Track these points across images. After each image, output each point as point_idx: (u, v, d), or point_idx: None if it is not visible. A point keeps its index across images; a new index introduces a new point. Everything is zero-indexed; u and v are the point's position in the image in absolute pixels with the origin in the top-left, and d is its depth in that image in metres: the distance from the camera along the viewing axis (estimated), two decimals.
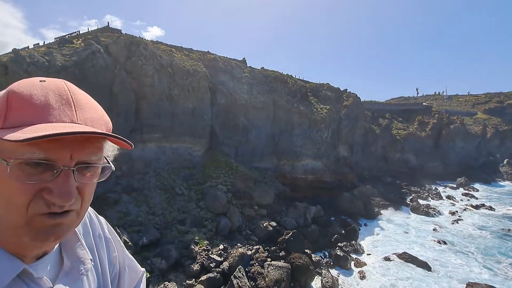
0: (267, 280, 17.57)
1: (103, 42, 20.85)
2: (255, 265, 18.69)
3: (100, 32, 25.31)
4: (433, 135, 51.51)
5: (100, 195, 17.67)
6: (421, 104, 64.89)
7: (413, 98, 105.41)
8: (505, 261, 21.56)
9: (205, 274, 17.48)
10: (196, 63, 28.97)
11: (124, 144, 0.79)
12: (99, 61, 19.22)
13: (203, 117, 27.15)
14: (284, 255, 19.95)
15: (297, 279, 18.12)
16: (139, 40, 23.24)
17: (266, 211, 24.72)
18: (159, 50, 25.55)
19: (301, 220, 25.07)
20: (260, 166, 28.82)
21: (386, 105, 59.92)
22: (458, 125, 56.30)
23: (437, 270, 20.10)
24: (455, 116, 62.08)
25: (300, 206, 26.56)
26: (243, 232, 22.14)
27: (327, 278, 18.67)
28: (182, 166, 24.57)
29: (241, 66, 33.83)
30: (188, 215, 21.51)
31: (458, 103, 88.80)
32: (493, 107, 79.72)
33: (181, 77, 25.96)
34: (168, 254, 17.96)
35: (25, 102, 0.66)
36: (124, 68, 20.99)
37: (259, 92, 31.73)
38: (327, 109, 36.52)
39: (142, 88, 21.82)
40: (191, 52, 31.61)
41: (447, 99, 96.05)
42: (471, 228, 27.86)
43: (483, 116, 72.69)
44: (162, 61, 24.60)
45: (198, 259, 18.54)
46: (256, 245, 20.75)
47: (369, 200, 31.34)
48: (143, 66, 22.12)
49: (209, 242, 20.01)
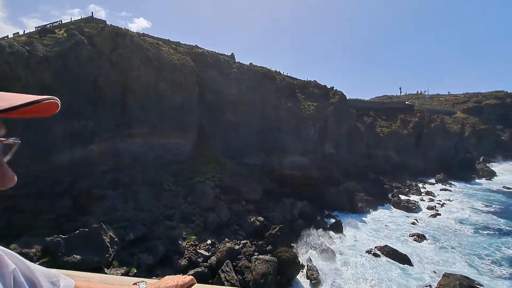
0: (254, 274, 17.87)
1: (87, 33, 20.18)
2: (242, 259, 18.95)
3: (83, 23, 24.42)
4: (415, 133, 53.37)
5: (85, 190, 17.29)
6: (404, 103, 66.91)
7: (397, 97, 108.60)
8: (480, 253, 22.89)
9: (193, 269, 17.59)
10: (183, 57, 28.58)
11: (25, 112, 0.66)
12: (82, 52, 18.62)
13: (191, 112, 26.93)
14: (271, 249, 20.31)
15: (283, 272, 18.53)
16: (125, 32, 22.65)
17: (254, 206, 24.98)
18: (145, 43, 25.01)
19: (288, 215, 25.53)
20: (248, 162, 28.98)
21: (371, 103, 61.40)
22: (438, 123, 58.61)
23: (416, 262, 21.09)
24: (436, 115, 64.57)
25: (287, 201, 27.02)
26: (231, 227, 22.31)
27: (312, 270, 19.23)
28: (170, 162, 24.35)
29: (230, 61, 33.67)
30: (176, 210, 21.42)
31: (439, 103, 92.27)
32: (471, 107, 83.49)
33: (168, 71, 25.57)
34: (155, 250, 17.89)
35: None
36: (109, 60, 20.44)
37: (248, 88, 31.75)
38: (314, 106, 37.05)
39: (128, 81, 21.36)
40: (179, 45, 31.11)
41: (428, 98, 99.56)
42: (448, 223, 29.32)
43: (462, 116, 75.98)
44: (148, 54, 24.12)
45: (185, 254, 18.58)
46: (244, 239, 20.98)
47: (353, 196, 32.26)
48: (129, 59, 21.62)
49: (197, 237, 20.06)
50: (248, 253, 19.56)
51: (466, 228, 27.76)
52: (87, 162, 18.52)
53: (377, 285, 18.44)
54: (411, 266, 20.67)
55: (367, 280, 18.95)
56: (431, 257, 22.07)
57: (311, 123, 35.36)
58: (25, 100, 0.62)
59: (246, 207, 24.86)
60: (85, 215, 17.13)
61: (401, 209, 32.96)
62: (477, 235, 26.31)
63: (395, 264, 20.82)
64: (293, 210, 26.29)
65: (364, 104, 56.17)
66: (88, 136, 18.99)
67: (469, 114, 78.50)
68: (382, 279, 18.98)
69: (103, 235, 15.90)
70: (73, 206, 17.74)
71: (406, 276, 19.46)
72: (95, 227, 15.94)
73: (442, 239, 25.19)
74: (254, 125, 31.54)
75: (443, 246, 23.97)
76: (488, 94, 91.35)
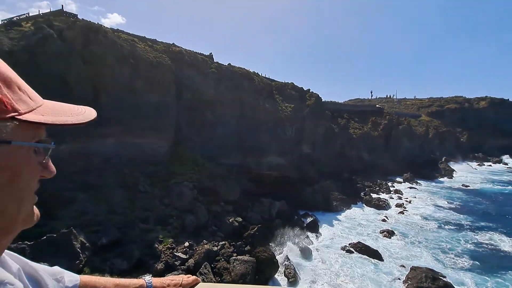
0: (232, 275, 17.90)
1: (57, 27, 18.94)
2: (221, 261, 18.89)
3: (53, 16, 22.84)
4: (384, 135, 56.35)
5: (53, 193, 16.23)
6: (375, 106, 70.31)
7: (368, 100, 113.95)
8: (443, 246, 24.74)
9: (170, 272, 17.23)
10: (160, 55, 27.84)
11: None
12: (51, 47, 17.44)
13: (168, 112, 26.28)
14: (249, 249, 20.44)
15: (262, 271, 18.74)
16: (98, 27, 21.59)
17: (232, 207, 24.97)
18: (120, 39, 24.02)
19: (266, 215, 25.83)
20: (226, 162, 28.86)
21: (345, 106, 63.81)
22: (405, 126, 62.38)
23: (386, 258, 22.32)
24: (403, 118, 68.68)
25: (265, 201, 27.33)
26: (209, 228, 22.11)
27: (289, 269, 19.65)
28: (146, 162, 23.58)
29: (208, 61, 33.34)
30: (152, 213, 20.81)
31: (406, 106, 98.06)
32: (434, 111, 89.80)
33: (144, 69, 24.77)
34: (129, 254, 17.28)
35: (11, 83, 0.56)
36: (81, 57, 19.35)
37: (226, 88, 31.64)
38: (292, 107, 37.81)
39: (101, 79, 20.37)
40: (155, 43, 30.23)
41: (397, 102, 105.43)
42: (415, 219, 31.34)
43: (426, 119, 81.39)
44: (123, 51, 23.21)
45: (162, 258, 18.14)
46: (222, 241, 20.90)
47: (328, 195, 33.37)
48: (102, 55, 20.63)
49: (174, 240, 19.64)
50: (227, 254, 19.53)
51: (431, 224, 29.85)
52: (55, 163, 17.28)
53: (351, 280, 19.28)
54: (382, 261, 21.84)
55: (342, 276, 19.74)
56: (400, 252, 23.48)
57: (288, 124, 36.04)
58: (80, 120, 0.65)
59: (224, 208, 24.77)
60: (53, 220, 16.09)
61: (372, 207, 34.66)
62: (440, 230, 28.39)
63: (367, 259, 21.89)
64: (271, 210, 26.64)
65: (338, 107, 58.23)
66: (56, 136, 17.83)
67: (432, 117, 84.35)
68: (355, 275, 19.88)
69: (73, 240, 15.06)
70: (40, 210, 16.57)
71: (377, 271, 20.54)
72: (64, 232, 15.04)
73: (410, 235, 26.88)
74: (232, 125, 31.50)
75: (411, 241, 25.60)
76: (449, 99, 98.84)
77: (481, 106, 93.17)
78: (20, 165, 0.54)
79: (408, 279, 19.15)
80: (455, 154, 72.39)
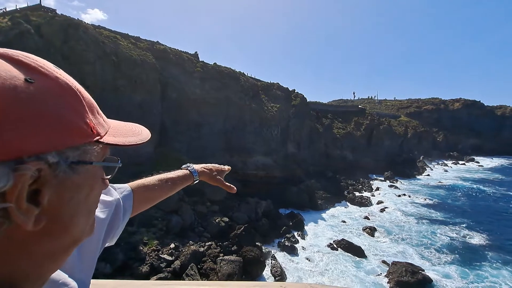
0: (219, 275, 17.87)
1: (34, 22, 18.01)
2: (207, 262, 18.80)
3: (30, 11, 21.70)
4: (366, 134, 58.01)
5: None
6: (357, 107, 72.20)
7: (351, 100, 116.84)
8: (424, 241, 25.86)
9: (155, 274, 16.98)
10: (144, 53, 27.20)
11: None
12: (29, 43, 16.60)
13: (152, 111, 25.75)
14: (236, 249, 20.47)
15: (248, 271, 18.84)
16: (78, 23, 20.78)
17: (218, 207, 24.87)
18: (101, 36, 23.24)
19: (252, 215, 25.92)
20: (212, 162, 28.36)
21: (329, 106, 65.06)
22: (386, 126, 64.53)
23: (369, 254, 23.05)
24: (384, 118, 71.08)
25: (252, 201, 27.44)
26: (195, 229, 21.93)
27: (276, 267, 19.88)
28: (129, 163, 22.95)
29: (193, 60, 32.95)
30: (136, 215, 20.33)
31: (386, 107, 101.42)
32: (413, 111, 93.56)
33: (127, 67, 24.12)
34: (113, 258, 16.83)
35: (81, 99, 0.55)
36: (60, 53, 18.55)
37: (212, 88, 31.41)
38: (277, 107, 38.12)
39: (82, 77, 19.61)
40: (139, 41, 29.48)
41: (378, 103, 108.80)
42: (396, 216, 32.54)
43: (405, 119, 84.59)
44: (105, 48, 22.49)
45: (147, 260, 17.80)
46: (209, 241, 20.80)
47: (313, 193, 33.96)
48: (83, 52, 19.88)
49: (159, 242, 19.33)
50: (213, 254, 19.45)
51: (411, 220, 31.12)
52: None
53: (336, 278, 19.77)
54: (365, 258, 22.54)
55: (326, 274, 20.20)
56: (382, 248, 24.33)
57: (274, 124, 36.30)
58: (140, 140, 0.68)
59: (210, 208, 24.65)
60: None
61: (356, 205, 35.64)
62: (419, 226, 29.67)
63: (351, 256, 22.52)
64: (257, 209, 26.77)
65: (322, 107, 59.29)
66: None
67: (411, 118, 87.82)
68: (340, 272, 20.41)
69: None
70: None
71: (361, 267, 21.18)
72: None
73: (391, 231, 27.91)
74: (218, 125, 31.32)
75: (392, 238, 26.58)
76: (427, 100, 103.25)
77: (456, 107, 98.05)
78: (94, 182, 0.58)
79: (389, 274, 19.91)
80: (431, 153, 75.82)
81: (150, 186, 1.25)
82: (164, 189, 1.31)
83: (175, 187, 1.38)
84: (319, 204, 33.02)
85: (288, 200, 31.80)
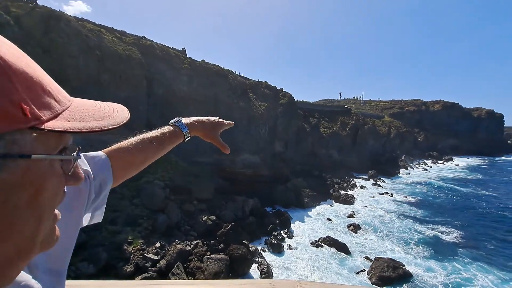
0: (206, 274, 17.80)
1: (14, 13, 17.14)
2: (194, 260, 18.68)
3: (10, 1, 20.56)
4: (351, 134, 59.26)
5: None
6: (343, 107, 73.51)
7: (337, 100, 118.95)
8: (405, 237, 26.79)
9: (140, 274, 16.70)
10: (130, 48, 26.50)
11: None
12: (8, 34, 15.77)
13: (138, 108, 25.16)
14: (223, 247, 20.44)
15: (235, 269, 18.88)
16: (60, 15, 19.93)
17: (205, 205, 24.70)
18: (84, 29, 22.43)
19: (239, 213, 25.94)
20: (200, 160, 28.42)
21: (316, 106, 65.87)
22: (370, 126, 66.19)
23: (353, 251, 23.63)
24: (368, 118, 72.86)
25: (239, 199, 27.44)
26: (181, 228, 21.70)
27: (262, 265, 20.02)
28: None
29: (181, 56, 32.43)
30: (121, 213, 19.90)
31: (370, 107, 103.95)
32: (396, 112, 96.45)
33: (112, 62, 23.43)
34: (96, 257, 16.42)
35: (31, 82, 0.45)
36: (40, 46, 17.75)
37: (200, 85, 31.06)
38: (265, 106, 38.22)
39: (63, 70, 18.88)
40: (124, 35, 28.66)
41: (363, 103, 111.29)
42: (378, 213, 33.51)
43: (389, 119, 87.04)
44: (88, 42, 21.72)
45: (132, 260, 17.47)
46: (195, 240, 20.65)
47: (300, 192, 34.38)
48: (65, 45, 19.11)
49: (145, 241, 19.01)
50: (200, 253, 19.34)
51: (393, 217, 32.15)
52: None
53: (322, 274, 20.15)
54: (349, 254, 23.09)
55: (312, 271, 20.55)
56: (366, 245, 25.01)
57: (262, 123, 36.39)
58: (111, 125, 0.54)
59: (197, 206, 24.44)
60: None
61: (341, 203, 36.39)
62: (401, 222, 30.71)
63: (336, 253, 23.01)
64: (244, 207, 26.81)
65: (310, 106, 59.95)
66: None
67: (394, 118, 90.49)
68: (325, 269, 20.82)
69: None
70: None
71: (345, 264, 21.71)
72: None
73: (374, 228, 28.72)
74: None
75: (375, 234, 27.37)
76: (409, 101, 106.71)
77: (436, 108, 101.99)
78: (42, 180, 0.45)
79: (372, 270, 20.53)
80: (413, 153, 78.51)
81: (131, 148, 1.06)
82: (148, 151, 1.11)
83: (163, 147, 1.18)
84: (305, 202, 33.47)
85: (275, 198, 32.05)
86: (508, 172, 68.66)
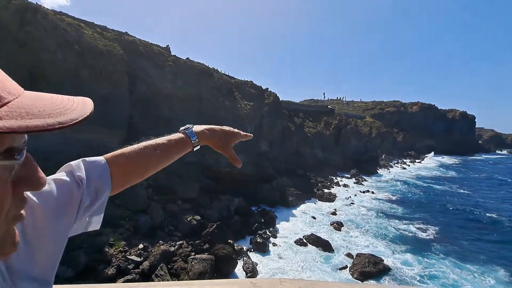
0: (190, 275, 17.60)
1: None
2: (178, 261, 18.42)
3: None
4: (335, 134, 60.56)
5: None
6: (327, 107, 74.91)
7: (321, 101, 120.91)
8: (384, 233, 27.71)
9: (122, 277, 16.27)
10: (111, 43, 25.62)
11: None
12: None
13: (119, 105, 24.40)
14: (208, 247, 20.28)
15: (220, 268, 18.79)
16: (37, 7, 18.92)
17: (190, 205, 24.41)
18: (63, 23, 21.44)
19: (224, 212, 25.83)
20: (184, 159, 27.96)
21: (300, 106, 66.67)
22: (353, 126, 67.91)
23: (336, 248, 24.17)
24: (351, 119, 74.74)
25: (224, 198, 27.33)
26: (165, 228, 21.32)
27: (247, 264, 20.05)
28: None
29: (165, 53, 31.77)
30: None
31: (353, 108, 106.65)
32: (377, 113, 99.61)
33: (92, 57, 22.56)
34: (75, 261, 15.82)
35: None
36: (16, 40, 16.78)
37: (185, 83, 30.57)
38: (251, 105, 38.23)
39: (40, 66, 17.97)
40: (105, 30, 27.66)
41: (345, 104, 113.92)
42: (361, 210, 34.49)
43: (370, 120, 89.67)
44: (67, 36, 20.80)
45: (113, 262, 16.98)
46: (180, 240, 20.36)
47: (285, 191, 34.73)
48: (41, 39, 18.19)
49: (127, 243, 18.52)
50: (184, 253, 19.09)
51: (374, 214, 33.19)
52: None
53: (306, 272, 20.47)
54: (332, 252, 23.60)
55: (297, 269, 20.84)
56: (349, 242, 25.66)
57: (247, 122, 36.36)
58: (62, 122, 0.46)
59: (182, 206, 24.10)
60: None
61: (324, 201, 37.10)
62: (381, 219, 31.77)
63: (320, 251, 23.46)
64: (229, 207, 26.73)
65: (294, 106, 60.58)
66: None
67: (375, 119, 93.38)
68: (310, 266, 21.17)
69: None
70: None
71: (329, 261, 22.16)
72: None
73: (357, 225, 29.53)
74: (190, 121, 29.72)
75: (358, 231, 28.14)
76: (389, 103, 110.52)
77: (414, 110, 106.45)
78: None
79: (354, 266, 21.11)
80: (392, 152, 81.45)
81: (133, 155, 0.99)
82: (151, 159, 1.02)
83: (167, 156, 1.08)
84: (290, 201, 33.84)
85: (260, 198, 32.17)
86: (478, 170, 74.00)
